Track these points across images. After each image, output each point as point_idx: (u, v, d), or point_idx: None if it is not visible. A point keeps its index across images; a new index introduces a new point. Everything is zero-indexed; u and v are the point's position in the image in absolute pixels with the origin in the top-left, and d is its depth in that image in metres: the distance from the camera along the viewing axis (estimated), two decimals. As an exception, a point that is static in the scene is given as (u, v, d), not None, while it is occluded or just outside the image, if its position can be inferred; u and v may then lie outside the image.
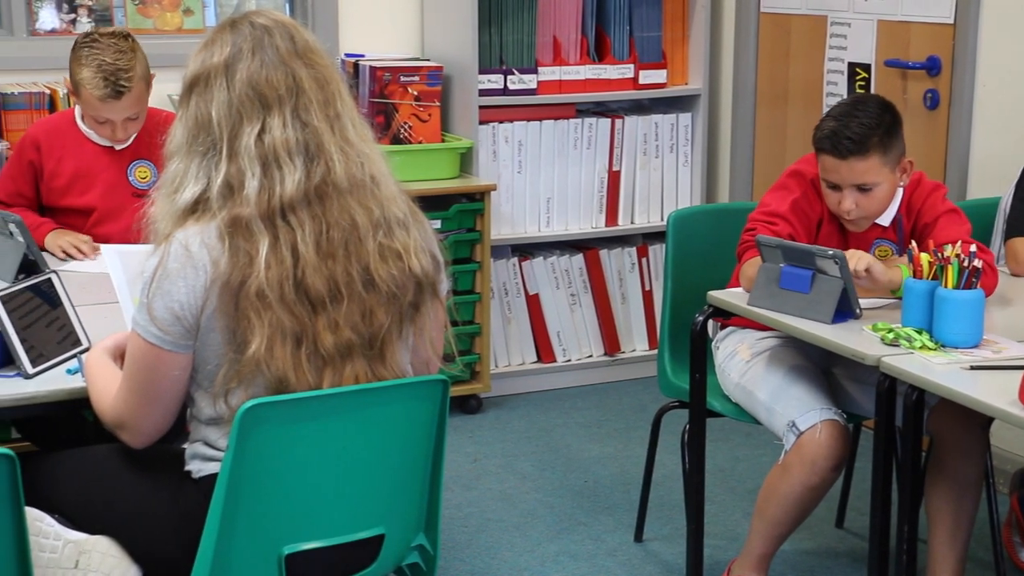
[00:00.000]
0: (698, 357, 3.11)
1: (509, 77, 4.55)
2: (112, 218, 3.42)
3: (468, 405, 4.55)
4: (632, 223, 4.85)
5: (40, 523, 2.22)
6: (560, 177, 4.71)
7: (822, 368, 3.18)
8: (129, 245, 2.55)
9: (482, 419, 4.51)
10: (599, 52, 4.72)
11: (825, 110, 4.39)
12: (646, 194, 4.85)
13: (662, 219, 4.81)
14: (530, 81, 4.58)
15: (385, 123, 4.34)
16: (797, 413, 2.97)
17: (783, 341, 3.17)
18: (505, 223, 4.62)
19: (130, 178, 3.46)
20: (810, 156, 3.17)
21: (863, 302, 2.88)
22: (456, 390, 4.37)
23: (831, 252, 2.82)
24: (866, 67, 4.28)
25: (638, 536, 3.62)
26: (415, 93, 4.38)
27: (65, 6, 4.31)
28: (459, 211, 4.40)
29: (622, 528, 3.68)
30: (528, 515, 3.78)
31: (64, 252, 3.31)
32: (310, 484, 2.16)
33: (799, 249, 2.89)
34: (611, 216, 4.81)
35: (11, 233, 3.13)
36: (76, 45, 3.35)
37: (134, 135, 3.44)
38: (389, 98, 4.36)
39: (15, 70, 4.12)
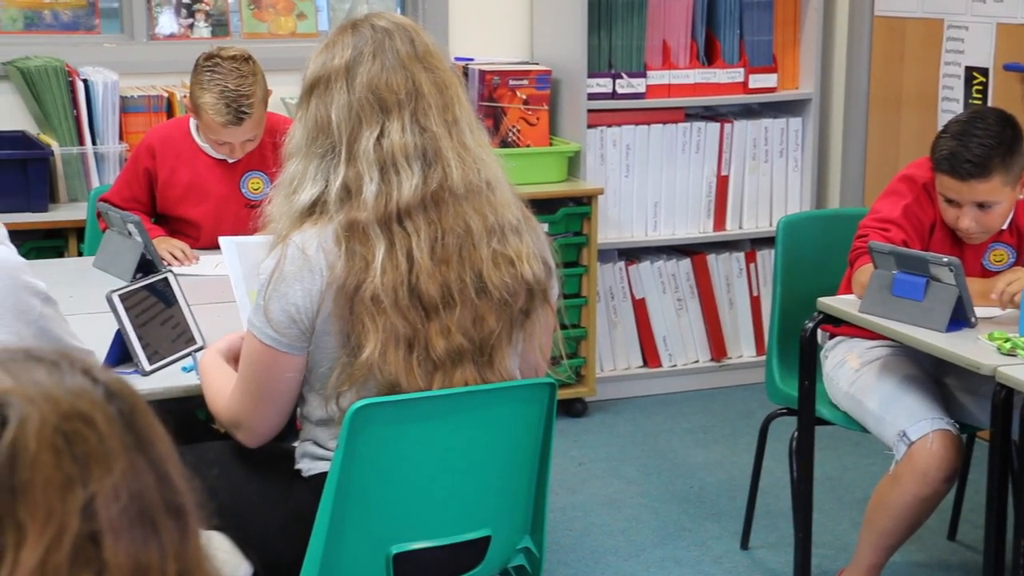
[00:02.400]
0: (807, 364, 3.07)
1: (618, 81, 4.54)
2: (225, 229, 3.45)
3: (573, 409, 4.55)
4: (740, 228, 4.81)
5: (155, 518, 2.26)
6: (668, 181, 4.69)
7: (934, 378, 3.13)
8: (246, 237, 2.57)
9: (587, 423, 4.51)
10: (709, 56, 4.69)
11: (940, 115, 4.34)
12: (755, 199, 4.81)
13: (771, 224, 4.77)
14: (639, 85, 4.57)
15: (494, 127, 4.35)
16: (908, 423, 2.92)
17: (893, 350, 3.12)
18: (612, 227, 4.62)
19: (243, 190, 3.49)
20: (922, 160, 3.12)
21: (978, 311, 2.83)
22: (561, 394, 4.36)
23: (946, 259, 2.78)
24: (983, 71, 4.20)
25: (744, 543, 3.59)
26: (524, 97, 4.39)
27: (183, 11, 4.40)
28: (566, 215, 4.40)
29: (728, 535, 3.65)
30: (633, 520, 3.76)
31: (163, 259, 3.34)
32: (418, 485, 2.17)
33: (913, 256, 2.85)
34: (719, 221, 4.77)
35: (129, 233, 3.20)
36: (198, 67, 3.33)
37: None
38: (498, 102, 4.38)
39: (135, 74, 4.20)
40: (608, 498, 3.91)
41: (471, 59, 4.55)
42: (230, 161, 3.47)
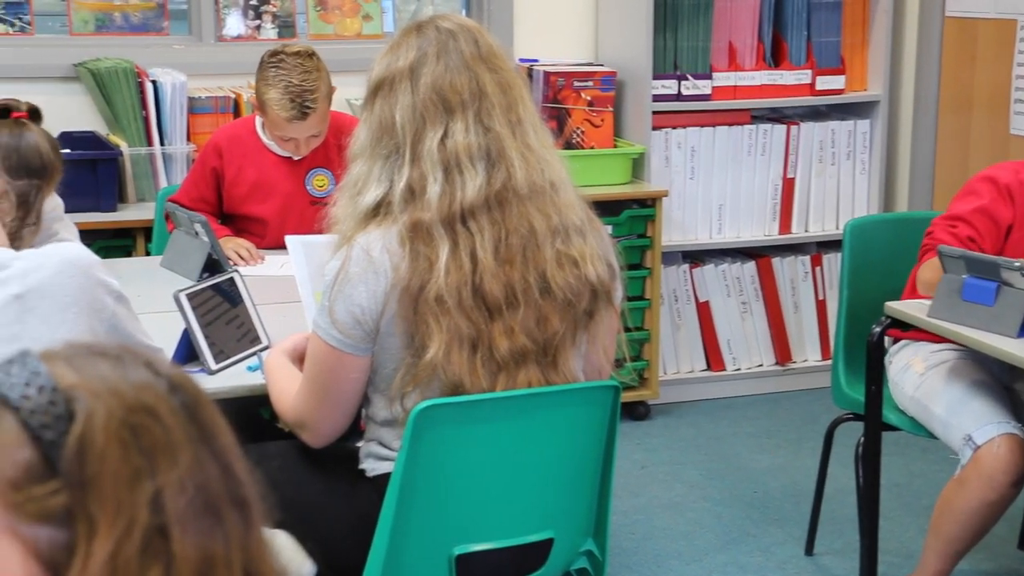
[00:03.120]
0: (874, 369, 3.04)
1: (683, 82, 4.52)
2: (291, 226, 3.47)
3: (636, 411, 4.53)
4: (806, 231, 4.77)
5: (220, 515, 2.28)
6: (733, 183, 4.66)
7: (1003, 384, 3.09)
8: (313, 236, 2.58)
9: (650, 426, 4.49)
10: (775, 57, 4.65)
11: (1012, 118, 4.28)
12: (821, 202, 4.76)
13: (837, 227, 4.72)
14: (704, 87, 4.54)
15: (558, 128, 4.35)
16: (974, 427, 2.89)
17: (960, 354, 3.08)
18: (676, 229, 4.59)
19: (308, 187, 3.52)
20: (1006, 164, 3.08)
21: (1050, 316, 2.78)
22: (624, 396, 4.33)
23: (1018, 264, 2.73)
24: (1056, 73, 4.14)
25: (809, 549, 3.56)
26: (588, 98, 4.39)
27: (251, 13, 4.43)
28: (630, 217, 4.38)
29: (792, 541, 3.62)
30: (696, 524, 3.74)
31: (228, 259, 3.35)
32: (481, 486, 2.17)
33: (983, 260, 2.81)
34: (784, 224, 4.74)
35: (196, 233, 3.23)
36: (263, 63, 3.37)
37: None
38: (562, 103, 4.37)
39: (202, 75, 4.24)
40: (671, 502, 3.89)
41: (536, 60, 4.54)
42: (295, 159, 3.49)
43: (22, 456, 0.88)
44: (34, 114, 2.91)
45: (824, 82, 4.68)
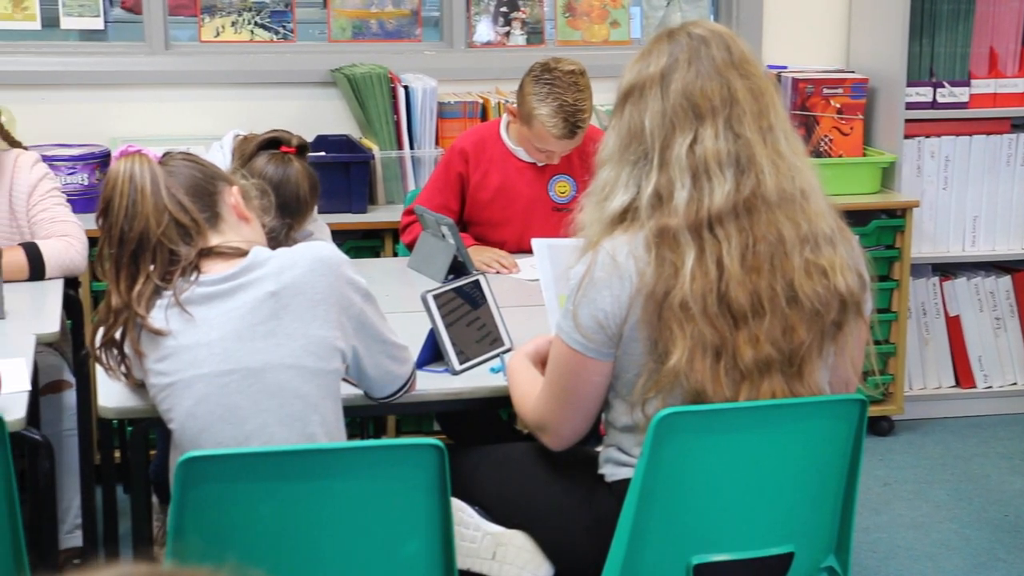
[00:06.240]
0: None
1: (939, 90, 4.37)
2: (532, 233, 3.49)
3: (879, 427, 4.41)
4: (1068, 245, 4.56)
5: (462, 513, 2.32)
6: (989, 195, 4.48)
7: None
8: (558, 239, 2.60)
9: (893, 442, 4.36)
10: (1039, 64, 4.46)
11: None
12: (1085, 215, 4.54)
13: (1103, 242, 4.49)
14: (961, 94, 4.39)
15: (806, 136, 4.27)
16: None
17: None
18: (926, 241, 4.45)
19: (550, 193, 3.54)
20: None
21: None
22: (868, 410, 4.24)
23: None
24: None
25: (1062, 579, 3.40)
26: (838, 106, 4.29)
27: (500, 19, 4.50)
28: (878, 227, 4.27)
29: (1045, 569, 3.46)
30: (941, 546, 3.61)
31: (486, 267, 3.35)
32: (721, 496, 2.15)
33: None
34: (1044, 238, 4.53)
35: (443, 235, 3.29)
36: (534, 77, 3.36)
37: None
38: (811, 110, 4.29)
39: (453, 80, 4.32)
40: (914, 521, 3.77)
41: (784, 67, 4.47)
42: (539, 165, 3.52)
43: None
44: (302, 150, 3.01)
45: (1091, 89, 4.46)
